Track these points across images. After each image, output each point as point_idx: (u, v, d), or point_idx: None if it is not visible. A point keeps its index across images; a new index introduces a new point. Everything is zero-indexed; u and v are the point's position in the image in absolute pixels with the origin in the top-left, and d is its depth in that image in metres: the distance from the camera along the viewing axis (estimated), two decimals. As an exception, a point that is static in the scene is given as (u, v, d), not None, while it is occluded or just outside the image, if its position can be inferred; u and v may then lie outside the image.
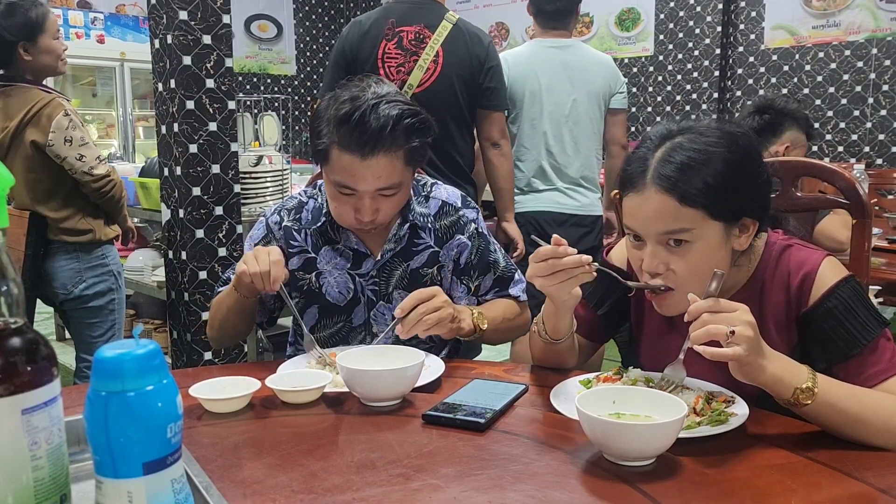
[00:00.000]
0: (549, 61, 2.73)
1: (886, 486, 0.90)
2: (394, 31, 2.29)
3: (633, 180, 1.12)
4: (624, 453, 0.94)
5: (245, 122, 3.31)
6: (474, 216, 1.57)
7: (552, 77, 2.73)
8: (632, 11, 6.11)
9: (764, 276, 1.18)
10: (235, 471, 0.94)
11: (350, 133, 1.33)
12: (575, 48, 2.81)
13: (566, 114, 2.75)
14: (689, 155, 1.08)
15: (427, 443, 1.02)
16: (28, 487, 0.65)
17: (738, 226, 1.12)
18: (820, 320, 1.12)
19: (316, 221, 1.51)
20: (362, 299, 1.52)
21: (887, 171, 4.44)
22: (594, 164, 2.84)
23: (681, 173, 1.07)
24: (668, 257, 1.11)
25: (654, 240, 1.11)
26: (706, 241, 1.10)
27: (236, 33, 7.03)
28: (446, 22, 2.35)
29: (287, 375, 1.22)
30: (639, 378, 1.18)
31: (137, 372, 0.66)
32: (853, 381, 1.07)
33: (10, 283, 0.66)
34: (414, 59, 2.29)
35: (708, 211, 1.08)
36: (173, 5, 2.63)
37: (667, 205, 1.08)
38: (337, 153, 1.35)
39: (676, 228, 1.09)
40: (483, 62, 2.42)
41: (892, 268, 2.50)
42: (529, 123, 2.75)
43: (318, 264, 1.51)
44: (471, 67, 2.40)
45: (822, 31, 5.30)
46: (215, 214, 2.84)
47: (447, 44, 2.34)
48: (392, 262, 1.51)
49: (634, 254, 1.17)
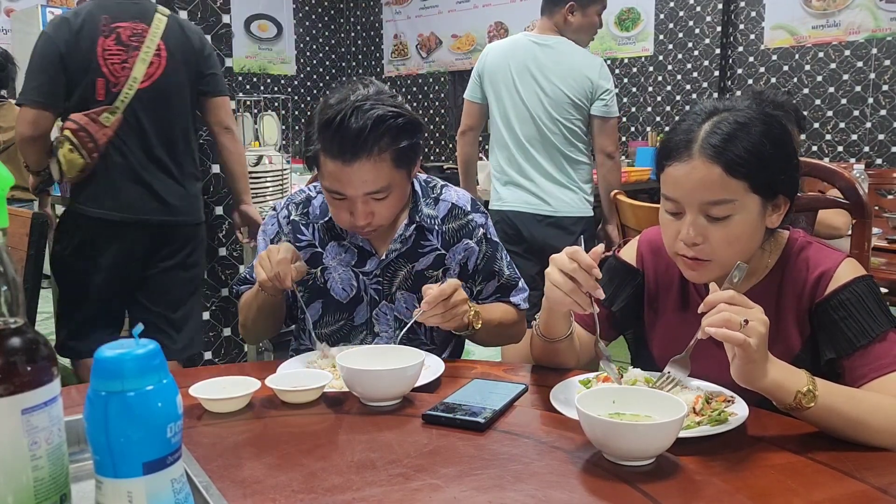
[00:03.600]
0: (523, 55, 2.79)
1: (886, 486, 0.90)
2: (110, 28, 2.27)
3: (678, 150, 1.15)
4: (624, 453, 0.94)
5: (245, 121, 3.31)
6: (483, 221, 1.55)
7: (521, 71, 2.79)
8: (632, 11, 6.11)
9: (784, 270, 1.21)
10: (235, 471, 0.94)
11: (332, 139, 1.31)
12: (556, 47, 2.81)
13: (532, 109, 2.79)
14: (736, 128, 1.12)
15: (427, 443, 1.02)
16: (28, 487, 0.65)
17: (773, 203, 1.16)
18: (831, 310, 1.14)
19: (323, 216, 1.51)
20: (365, 298, 1.51)
21: (887, 171, 4.44)
22: (565, 164, 2.84)
23: (728, 143, 1.11)
24: (706, 228, 1.14)
25: (696, 210, 1.13)
26: (745, 215, 1.13)
27: (236, 33, 7.04)
28: (160, 15, 2.35)
29: (287, 375, 1.22)
30: (639, 378, 1.18)
31: (137, 372, 0.66)
32: (858, 372, 1.09)
33: (10, 283, 0.66)
34: (135, 54, 2.29)
35: (750, 183, 1.11)
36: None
37: (713, 174, 1.11)
38: (323, 159, 1.35)
39: (721, 199, 1.11)
40: (201, 49, 2.44)
41: (892, 268, 2.50)
42: (499, 116, 2.85)
43: (323, 259, 1.51)
44: (194, 56, 2.41)
45: (822, 31, 5.30)
46: (215, 214, 2.84)
47: (167, 37, 2.34)
48: (397, 262, 1.50)
49: (671, 226, 1.18)
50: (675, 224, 1.17)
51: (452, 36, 7.49)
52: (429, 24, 7.70)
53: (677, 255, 1.19)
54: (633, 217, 2.11)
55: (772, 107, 2.49)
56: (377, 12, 8.20)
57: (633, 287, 1.35)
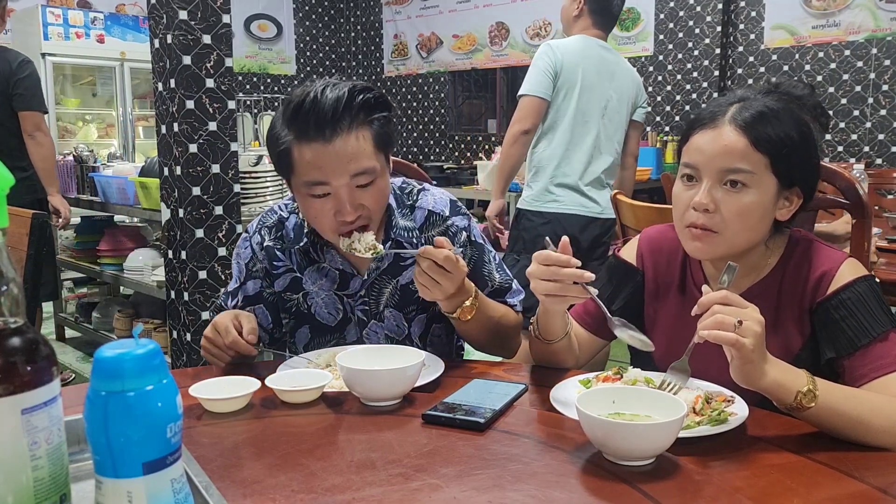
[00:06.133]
0: (596, 57, 2.82)
1: (886, 486, 0.90)
2: None
3: (706, 119, 1.18)
4: (624, 453, 0.94)
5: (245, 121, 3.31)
6: (465, 224, 1.47)
7: (598, 72, 2.81)
8: (632, 11, 6.10)
9: (785, 269, 1.21)
10: (235, 470, 0.94)
11: (306, 120, 1.25)
12: (614, 51, 2.92)
13: (604, 111, 2.83)
14: (766, 111, 1.16)
15: (427, 443, 1.02)
16: (28, 487, 0.65)
17: (788, 193, 1.18)
18: (832, 310, 1.14)
19: (298, 241, 1.44)
20: (353, 319, 1.46)
21: (887, 171, 4.44)
22: (615, 167, 2.90)
23: (757, 121, 1.15)
24: (721, 197, 1.15)
25: (714, 177, 1.16)
26: (760, 192, 1.15)
27: (236, 33, 7.03)
28: None
29: (287, 375, 1.22)
30: (638, 378, 1.18)
31: (137, 372, 0.66)
32: (858, 372, 1.09)
33: (10, 283, 0.66)
34: None
35: (772, 161, 1.14)
36: (173, 5, 2.63)
37: (739, 143, 1.14)
38: (298, 150, 1.28)
39: (741, 167, 1.14)
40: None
41: (892, 268, 2.50)
42: (571, 115, 2.79)
43: (304, 284, 1.46)
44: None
45: (822, 30, 5.30)
46: (215, 214, 2.84)
47: None
48: (380, 279, 1.45)
49: (684, 195, 1.19)
50: (688, 192, 1.18)
51: (453, 36, 7.48)
52: (429, 24, 7.69)
53: (684, 229, 1.19)
54: (632, 217, 2.11)
55: (788, 99, 2.47)
56: (377, 12, 8.20)
57: (633, 286, 1.35)
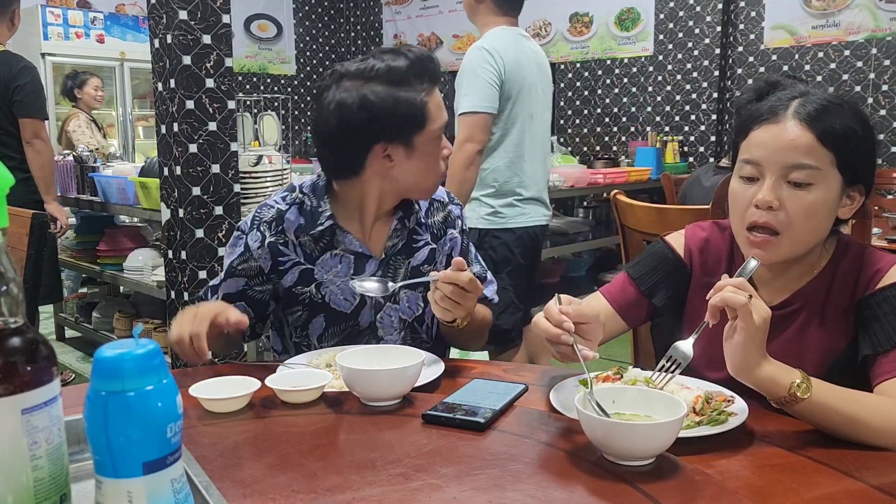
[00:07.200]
0: (526, 52, 2.54)
1: (885, 485, 0.90)
2: None
3: (768, 114, 1.13)
4: (624, 453, 0.94)
5: (245, 121, 3.30)
6: (459, 212, 1.56)
7: (531, 69, 2.54)
8: (631, 11, 6.11)
9: (835, 270, 1.19)
10: (235, 471, 0.93)
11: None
12: (531, 38, 2.62)
13: (545, 114, 2.63)
14: (829, 105, 1.12)
15: (427, 443, 1.02)
16: (28, 487, 0.65)
17: (850, 190, 1.15)
18: (875, 305, 1.13)
19: (311, 227, 1.43)
20: (369, 302, 1.47)
21: (887, 171, 4.44)
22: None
23: (822, 114, 1.10)
24: (785, 195, 1.11)
25: (778, 174, 1.11)
26: (825, 189, 1.11)
27: (236, 33, 7.03)
28: None
29: (287, 375, 1.22)
30: (639, 378, 1.18)
31: (137, 372, 0.66)
32: (879, 370, 1.08)
33: (10, 283, 0.66)
34: None
35: (837, 157, 1.10)
36: (173, 5, 2.63)
37: (804, 137, 1.10)
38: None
39: (806, 163, 1.10)
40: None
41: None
42: (519, 126, 2.53)
43: (315, 275, 1.45)
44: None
45: (822, 31, 5.30)
46: (215, 214, 2.84)
47: None
48: (396, 259, 1.47)
49: (744, 195, 1.15)
50: (749, 191, 1.14)
51: (453, 36, 7.48)
52: (429, 24, 7.69)
53: (744, 232, 1.15)
54: (632, 217, 2.10)
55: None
56: (377, 12, 8.20)
57: (678, 283, 1.30)
